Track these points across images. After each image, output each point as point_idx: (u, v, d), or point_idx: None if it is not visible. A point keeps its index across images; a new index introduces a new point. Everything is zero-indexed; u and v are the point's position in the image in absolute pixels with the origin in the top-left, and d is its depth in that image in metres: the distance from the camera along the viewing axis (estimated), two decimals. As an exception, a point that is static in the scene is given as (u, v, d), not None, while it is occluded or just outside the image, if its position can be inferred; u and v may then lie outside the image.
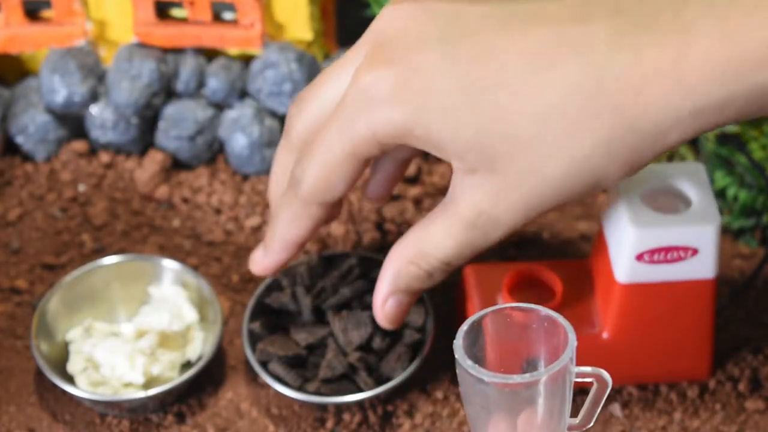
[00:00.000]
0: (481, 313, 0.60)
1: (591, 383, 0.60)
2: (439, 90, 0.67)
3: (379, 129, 0.69)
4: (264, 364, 0.80)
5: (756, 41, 0.61)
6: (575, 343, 0.58)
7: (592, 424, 0.62)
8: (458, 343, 0.58)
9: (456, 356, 0.58)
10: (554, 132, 0.65)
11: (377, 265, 0.80)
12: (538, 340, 0.60)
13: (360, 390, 0.79)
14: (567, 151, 0.65)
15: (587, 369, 0.60)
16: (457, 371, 0.58)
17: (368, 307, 0.81)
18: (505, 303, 0.80)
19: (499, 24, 0.67)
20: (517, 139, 0.66)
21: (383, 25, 0.70)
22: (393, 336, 0.80)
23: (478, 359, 0.58)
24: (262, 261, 0.79)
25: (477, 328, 0.59)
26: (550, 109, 0.65)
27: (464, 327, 0.59)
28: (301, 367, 0.80)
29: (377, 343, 0.80)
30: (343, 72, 0.72)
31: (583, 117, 0.64)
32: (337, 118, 0.70)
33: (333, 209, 0.76)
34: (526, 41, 0.66)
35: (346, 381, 0.79)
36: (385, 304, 0.75)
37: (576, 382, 0.59)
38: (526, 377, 0.56)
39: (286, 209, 0.75)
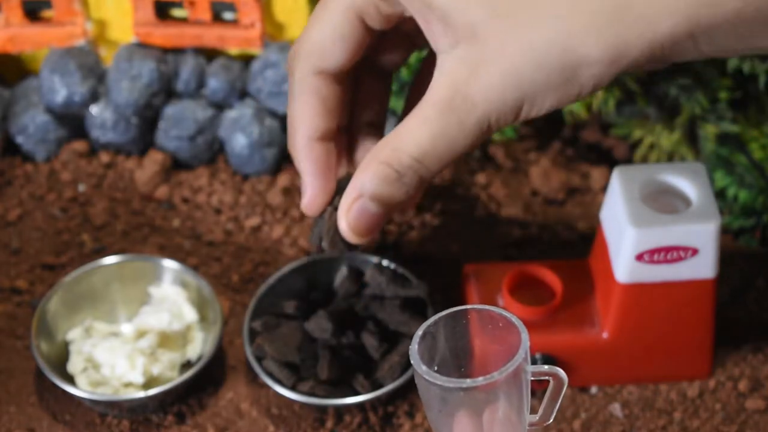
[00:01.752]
0: (436, 317, 0.60)
1: (548, 382, 0.60)
2: None
3: None
4: (258, 360, 0.80)
5: None
6: (528, 343, 0.58)
7: (551, 420, 0.62)
8: (414, 349, 0.58)
9: (412, 362, 0.58)
10: (546, 1, 0.61)
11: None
12: (500, 340, 0.60)
13: (356, 392, 0.79)
14: (549, 19, 0.61)
15: (543, 368, 0.60)
16: (415, 377, 0.59)
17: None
18: (505, 303, 0.80)
19: None
20: (508, 4, 0.62)
21: None
22: (390, 343, 0.81)
23: (463, 355, 0.58)
24: (304, 193, 0.72)
25: (434, 334, 0.59)
26: None
27: (419, 332, 0.59)
28: (295, 368, 0.80)
29: (374, 350, 0.80)
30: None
31: None
32: None
33: (341, 89, 0.71)
34: None
35: (342, 383, 0.80)
36: (349, 210, 0.68)
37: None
38: (479, 380, 0.56)
39: (292, 99, 0.70)
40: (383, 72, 0.74)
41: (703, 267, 0.76)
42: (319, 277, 0.85)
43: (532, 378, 0.59)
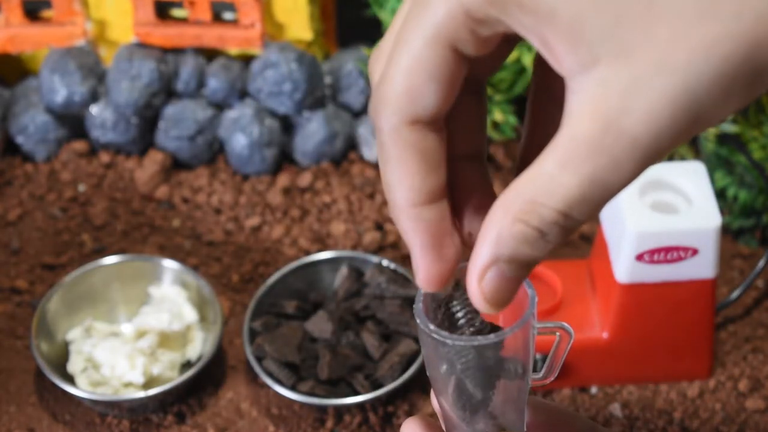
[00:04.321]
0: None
1: (554, 337, 0.60)
2: None
3: None
4: (258, 360, 0.80)
5: None
6: (536, 299, 0.57)
7: (554, 377, 0.61)
8: (418, 307, 0.56)
9: (417, 321, 0.55)
10: (697, 4, 0.47)
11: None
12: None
13: (356, 392, 0.79)
14: (723, 14, 0.47)
15: (549, 324, 0.59)
16: (420, 336, 0.57)
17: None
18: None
19: None
20: (654, 6, 0.47)
21: None
22: (390, 343, 0.81)
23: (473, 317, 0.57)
24: (417, 269, 0.55)
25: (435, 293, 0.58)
26: None
27: (422, 290, 0.58)
28: (295, 367, 0.80)
29: (374, 350, 0.80)
30: None
31: None
32: (411, 7, 0.53)
33: (441, 137, 0.54)
34: None
35: (342, 382, 0.80)
36: (482, 279, 0.54)
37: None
38: (491, 338, 0.56)
39: (385, 161, 0.54)
40: (475, 84, 0.56)
41: (703, 267, 0.76)
42: (319, 277, 0.85)
43: (539, 333, 0.58)
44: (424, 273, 0.55)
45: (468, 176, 0.58)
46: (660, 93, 0.47)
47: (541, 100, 0.57)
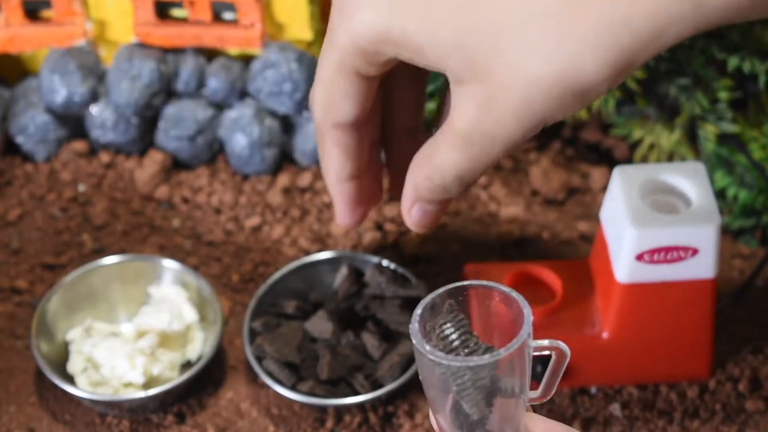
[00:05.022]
0: (434, 294, 0.58)
1: (550, 356, 0.60)
2: None
3: (357, 35, 0.66)
4: (258, 360, 0.80)
5: None
6: (531, 318, 0.57)
7: (551, 395, 0.61)
8: (414, 328, 0.57)
9: (414, 342, 0.57)
10: (538, 26, 0.60)
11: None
12: (499, 315, 0.59)
13: (356, 392, 0.79)
14: (552, 48, 0.60)
15: (544, 342, 0.59)
16: (416, 355, 0.57)
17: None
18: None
19: None
20: (498, 37, 0.61)
21: None
22: (390, 343, 0.81)
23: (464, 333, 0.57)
24: (337, 217, 0.78)
25: (431, 311, 0.58)
26: (533, 1, 0.60)
27: (418, 311, 0.58)
28: (295, 367, 0.80)
29: (374, 350, 0.80)
30: None
31: (571, 8, 0.59)
32: (326, 36, 0.69)
33: (360, 133, 0.73)
34: None
35: (342, 382, 0.80)
36: (410, 211, 0.73)
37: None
38: (485, 358, 0.56)
39: (319, 147, 0.74)
40: (415, 72, 0.74)
41: (703, 267, 0.76)
42: (319, 277, 0.85)
43: (535, 353, 0.58)
44: (341, 219, 0.78)
45: (408, 144, 0.76)
46: (507, 107, 0.62)
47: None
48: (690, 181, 0.78)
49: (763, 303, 0.86)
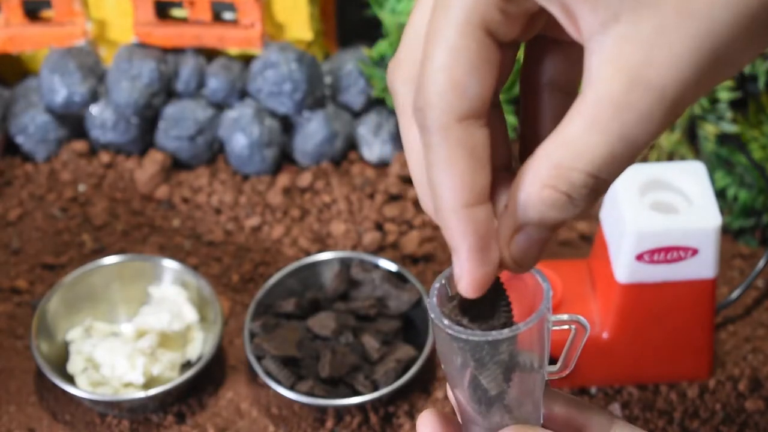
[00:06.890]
0: (449, 270, 0.53)
1: (569, 330, 0.60)
2: None
3: None
4: (258, 360, 0.80)
5: None
6: (550, 293, 0.57)
7: (570, 370, 0.61)
8: (432, 302, 0.56)
9: (431, 315, 0.54)
10: None
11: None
12: (516, 290, 0.59)
13: (356, 392, 0.79)
14: None
15: (564, 317, 0.59)
16: (434, 330, 0.57)
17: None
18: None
19: None
20: None
21: None
22: (389, 344, 0.81)
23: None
24: (462, 273, 0.53)
25: (447, 286, 0.57)
26: None
27: (436, 284, 0.57)
28: (295, 365, 0.80)
29: (373, 351, 0.80)
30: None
31: None
32: (434, 6, 0.52)
33: (488, 131, 0.52)
34: None
35: (342, 383, 0.80)
36: (510, 242, 0.53)
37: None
38: (505, 332, 0.55)
39: (427, 162, 0.52)
40: (494, 95, 0.54)
41: (703, 267, 0.76)
42: (319, 277, 0.85)
43: (554, 327, 0.58)
44: (471, 277, 0.53)
45: (500, 177, 0.55)
46: (683, 40, 0.46)
47: (534, 89, 0.56)
48: (690, 181, 0.78)
49: (763, 303, 0.86)
